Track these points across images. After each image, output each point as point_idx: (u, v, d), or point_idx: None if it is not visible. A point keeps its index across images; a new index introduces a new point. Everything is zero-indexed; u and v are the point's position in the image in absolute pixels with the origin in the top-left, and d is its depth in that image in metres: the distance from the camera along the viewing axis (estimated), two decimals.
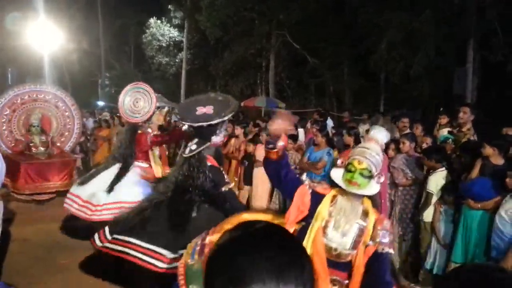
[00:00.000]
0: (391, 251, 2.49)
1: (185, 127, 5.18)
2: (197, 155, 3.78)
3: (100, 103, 26.34)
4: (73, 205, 4.99)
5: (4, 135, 7.74)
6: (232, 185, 4.02)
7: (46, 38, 20.01)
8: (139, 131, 5.32)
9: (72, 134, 8.51)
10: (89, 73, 28.86)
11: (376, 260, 2.44)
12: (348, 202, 2.49)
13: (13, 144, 7.64)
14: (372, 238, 2.45)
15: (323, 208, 2.49)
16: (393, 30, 14.17)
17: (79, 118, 8.67)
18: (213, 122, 3.66)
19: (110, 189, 4.80)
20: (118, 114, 13.17)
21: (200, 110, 3.71)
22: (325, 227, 2.46)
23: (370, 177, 2.46)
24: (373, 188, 2.48)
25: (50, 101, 8.15)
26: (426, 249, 4.81)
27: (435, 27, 13.43)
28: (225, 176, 3.99)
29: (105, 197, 4.82)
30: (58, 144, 8.10)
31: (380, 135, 2.64)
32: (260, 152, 6.77)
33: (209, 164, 3.84)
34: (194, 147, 3.78)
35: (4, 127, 7.74)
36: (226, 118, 3.74)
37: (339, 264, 2.48)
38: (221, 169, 4.05)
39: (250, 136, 7.40)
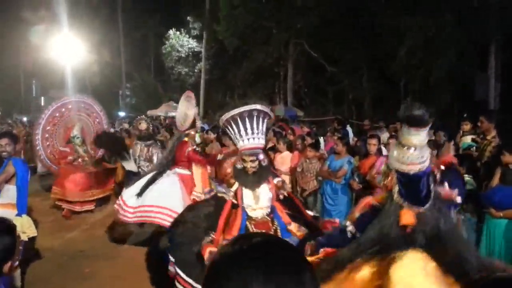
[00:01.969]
0: None
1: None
2: None
3: (121, 114, 26.79)
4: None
5: (47, 151, 7.93)
6: None
7: (69, 50, 20.55)
8: (184, 139, 5.24)
9: None
10: (110, 84, 29.43)
11: None
12: None
13: (57, 157, 7.81)
14: None
15: None
16: (412, 35, 14.03)
17: (107, 123, 8.94)
18: None
19: (140, 193, 4.77)
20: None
21: None
22: None
23: None
24: None
25: (82, 110, 8.31)
26: None
27: (455, 32, 13.26)
28: None
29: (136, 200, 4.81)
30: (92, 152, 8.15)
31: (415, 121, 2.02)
32: (278, 161, 6.78)
33: None
34: None
35: (48, 143, 7.95)
36: None
37: None
38: None
39: (270, 145, 7.40)
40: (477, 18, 12.89)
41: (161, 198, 4.70)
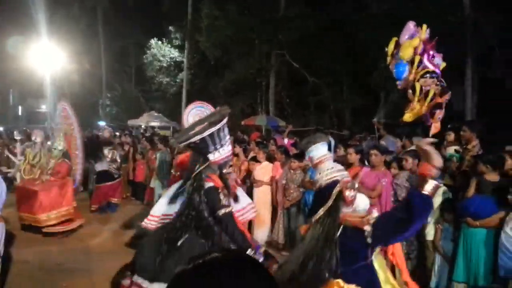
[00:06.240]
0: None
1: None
2: (198, 175, 3.57)
3: (102, 123, 26.41)
4: None
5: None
6: (230, 208, 3.62)
7: (48, 59, 20.24)
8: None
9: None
10: (90, 94, 29.03)
11: None
12: None
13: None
14: None
15: None
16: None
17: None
18: (204, 134, 3.44)
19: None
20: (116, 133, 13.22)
21: (196, 129, 3.53)
22: None
23: None
24: None
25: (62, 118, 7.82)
26: (431, 267, 4.75)
27: None
28: (222, 199, 3.59)
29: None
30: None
31: (322, 150, 2.61)
32: (258, 172, 6.75)
33: (208, 185, 3.55)
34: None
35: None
36: (213, 127, 3.46)
37: None
38: (219, 190, 3.60)
39: (251, 155, 7.39)
40: (452, 33, 13.22)
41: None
